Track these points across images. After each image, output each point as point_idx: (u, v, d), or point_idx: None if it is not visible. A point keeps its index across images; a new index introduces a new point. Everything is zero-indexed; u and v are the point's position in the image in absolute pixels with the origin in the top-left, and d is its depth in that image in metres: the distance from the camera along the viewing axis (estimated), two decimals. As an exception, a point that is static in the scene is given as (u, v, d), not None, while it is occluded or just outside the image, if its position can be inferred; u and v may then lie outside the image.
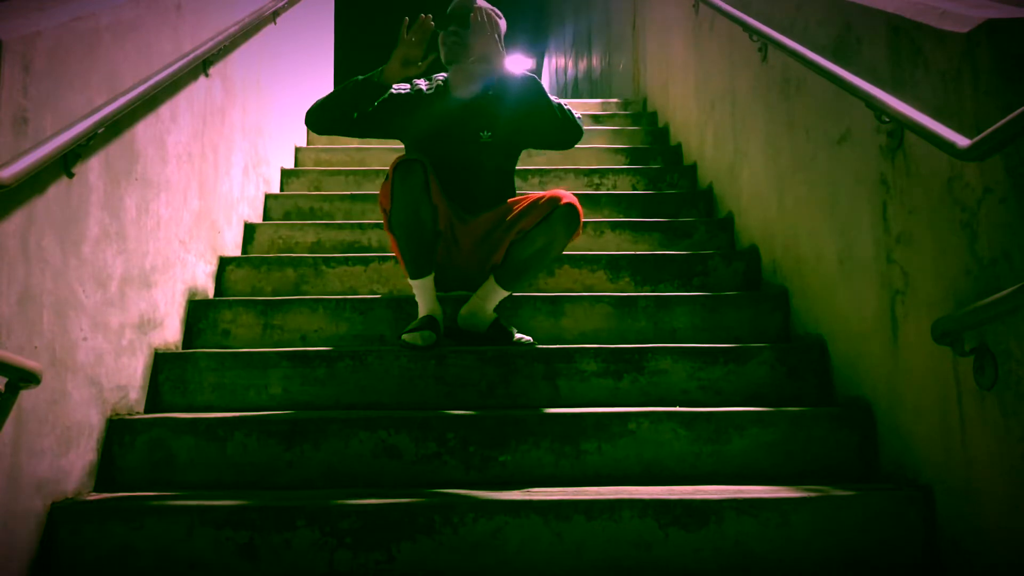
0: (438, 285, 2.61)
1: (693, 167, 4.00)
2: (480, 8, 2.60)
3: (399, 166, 2.42)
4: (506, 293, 2.59)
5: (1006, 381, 1.57)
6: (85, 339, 2.00)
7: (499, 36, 2.63)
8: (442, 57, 2.65)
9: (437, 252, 2.56)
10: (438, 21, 2.64)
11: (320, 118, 2.57)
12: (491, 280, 2.58)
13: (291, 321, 2.74)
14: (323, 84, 5.64)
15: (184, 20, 2.68)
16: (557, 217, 2.48)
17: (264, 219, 3.69)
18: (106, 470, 2.11)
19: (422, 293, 2.51)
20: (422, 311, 2.52)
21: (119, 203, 2.19)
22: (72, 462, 1.95)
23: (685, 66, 4.25)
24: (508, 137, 2.64)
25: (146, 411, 2.37)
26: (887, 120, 1.97)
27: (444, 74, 2.73)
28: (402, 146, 2.86)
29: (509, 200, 2.64)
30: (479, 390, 2.41)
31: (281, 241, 3.39)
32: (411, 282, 2.52)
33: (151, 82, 2.23)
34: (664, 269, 3.04)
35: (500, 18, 2.67)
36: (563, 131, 2.53)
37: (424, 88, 2.70)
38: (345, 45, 7.91)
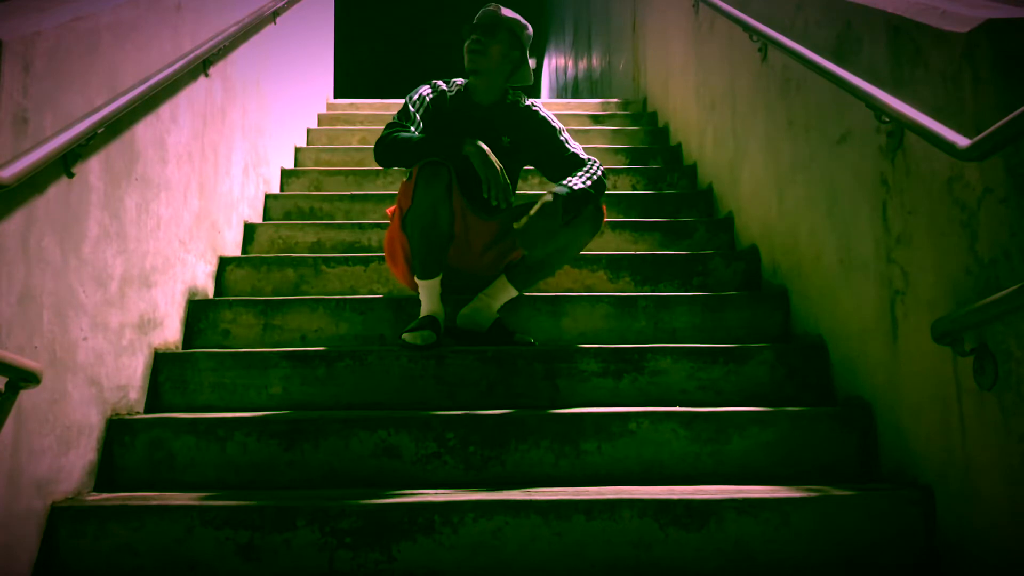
0: (443, 287, 2.62)
1: (693, 167, 4.00)
2: (504, 20, 2.64)
3: (424, 169, 2.41)
4: (515, 293, 2.61)
5: (1006, 381, 1.57)
6: (85, 339, 2.00)
7: (522, 48, 2.69)
8: (465, 64, 2.66)
9: (448, 254, 2.57)
10: (464, 29, 2.68)
11: (387, 162, 2.56)
12: (502, 279, 2.60)
13: (291, 321, 2.74)
14: (323, 84, 5.64)
15: (184, 20, 2.68)
16: (585, 217, 2.52)
17: (264, 219, 3.69)
18: (106, 470, 2.11)
19: (428, 293, 2.52)
20: (424, 311, 2.52)
21: (119, 203, 2.19)
22: (72, 462, 1.95)
23: (685, 66, 4.25)
24: (524, 146, 2.69)
25: (146, 411, 2.37)
26: (887, 120, 1.97)
27: (462, 79, 2.73)
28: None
29: (527, 203, 2.69)
30: (479, 390, 2.41)
31: (281, 241, 3.39)
32: (418, 282, 2.52)
33: (151, 82, 2.23)
34: (664, 269, 3.04)
35: (526, 27, 2.71)
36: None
37: (445, 89, 2.69)
38: (345, 45, 7.91)
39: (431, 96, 2.66)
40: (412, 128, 2.56)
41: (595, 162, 2.57)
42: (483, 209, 2.63)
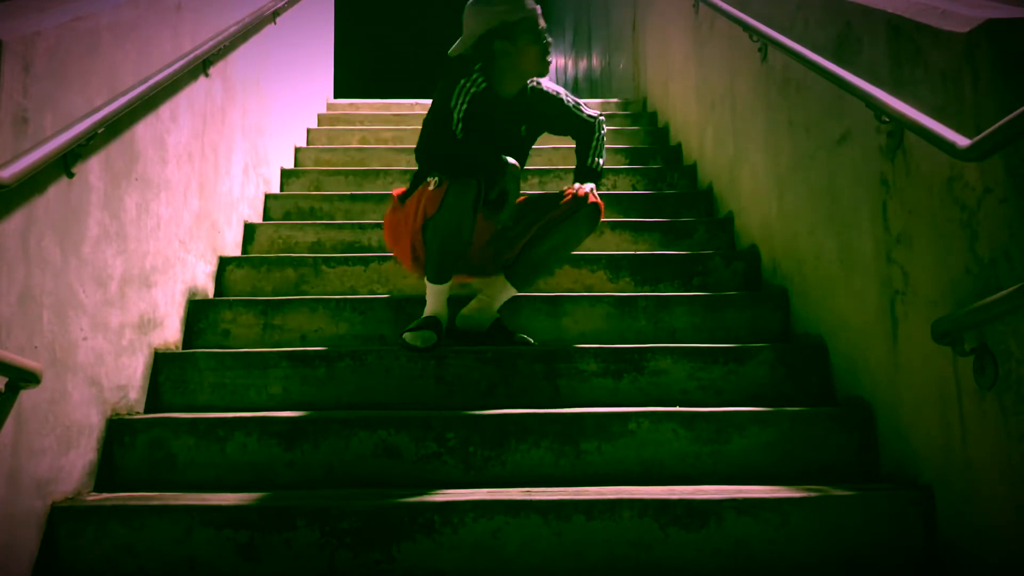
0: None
1: (693, 167, 4.00)
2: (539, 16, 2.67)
3: (456, 182, 2.40)
4: (515, 291, 2.61)
5: (1006, 381, 1.57)
6: (85, 339, 2.00)
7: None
8: (540, 68, 2.64)
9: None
10: (524, 24, 2.60)
11: (430, 169, 2.58)
12: (501, 278, 2.60)
13: (291, 321, 2.74)
14: (323, 84, 5.64)
15: (184, 20, 2.68)
16: (582, 215, 2.57)
17: (264, 219, 3.69)
18: (106, 470, 2.11)
19: (436, 296, 2.51)
20: (428, 311, 2.51)
21: (119, 203, 2.19)
22: (72, 462, 1.95)
23: (685, 66, 4.25)
24: (537, 125, 2.75)
25: (146, 411, 2.37)
26: (887, 120, 1.97)
27: (477, 73, 2.61)
28: (404, 146, 2.85)
29: (519, 199, 2.69)
30: (479, 390, 2.41)
31: (281, 241, 3.39)
32: (428, 284, 2.52)
33: (151, 82, 2.23)
34: (664, 269, 3.04)
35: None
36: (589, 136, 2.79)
37: (472, 88, 2.61)
38: (345, 45, 7.91)
39: (467, 98, 2.60)
40: (454, 130, 2.56)
41: (600, 127, 2.77)
42: (492, 211, 2.63)
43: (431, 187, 2.46)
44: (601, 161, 2.75)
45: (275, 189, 3.96)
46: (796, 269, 2.69)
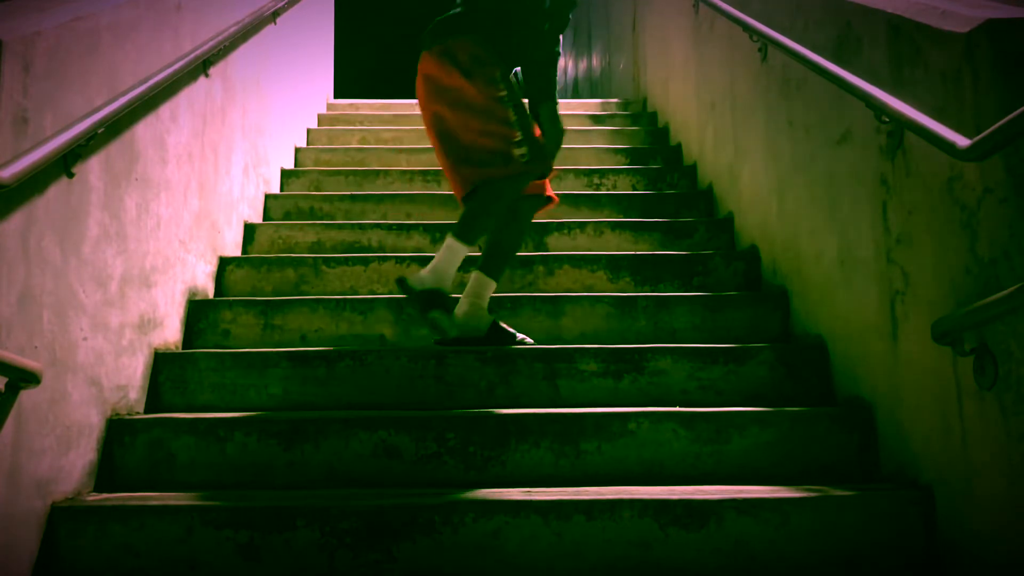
0: None
1: (693, 167, 4.00)
2: None
3: (530, 167, 2.51)
4: (495, 283, 2.58)
5: (1006, 381, 1.57)
6: (85, 339, 2.00)
7: None
8: None
9: None
10: None
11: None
12: (480, 275, 2.56)
13: (291, 321, 2.74)
14: (323, 84, 5.64)
15: (184, 20, 2.68)
16: (536, 202, 2.65)
17: (264, 219, 3.69)
18: (106, 470, 2.11)
19: (453, 262, 2.48)
20: (437, 282, 2.46)
21: (119, 203, 2.19)
22: (72, 462, 1.95)
23: (685, 66, 4.25)
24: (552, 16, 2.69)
25: (146, 411, 2.37)
26: (887, 120, 1.97)
27: None
28: (404, 146, 2.83)
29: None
30: (479, 390, 2.41)
31: (281, 241, 3.39)
32: (454, 242, 2.48)
33: (151, 82, 2.23)
34: (664, 269, 3.04)
35: None
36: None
37: None
38: (345, 45, 7.91)
39: None
40: None
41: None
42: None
43: (518, 155, 2.49)
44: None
45: (275, 189, 3.96)
46: (796, 269, 2.69)
